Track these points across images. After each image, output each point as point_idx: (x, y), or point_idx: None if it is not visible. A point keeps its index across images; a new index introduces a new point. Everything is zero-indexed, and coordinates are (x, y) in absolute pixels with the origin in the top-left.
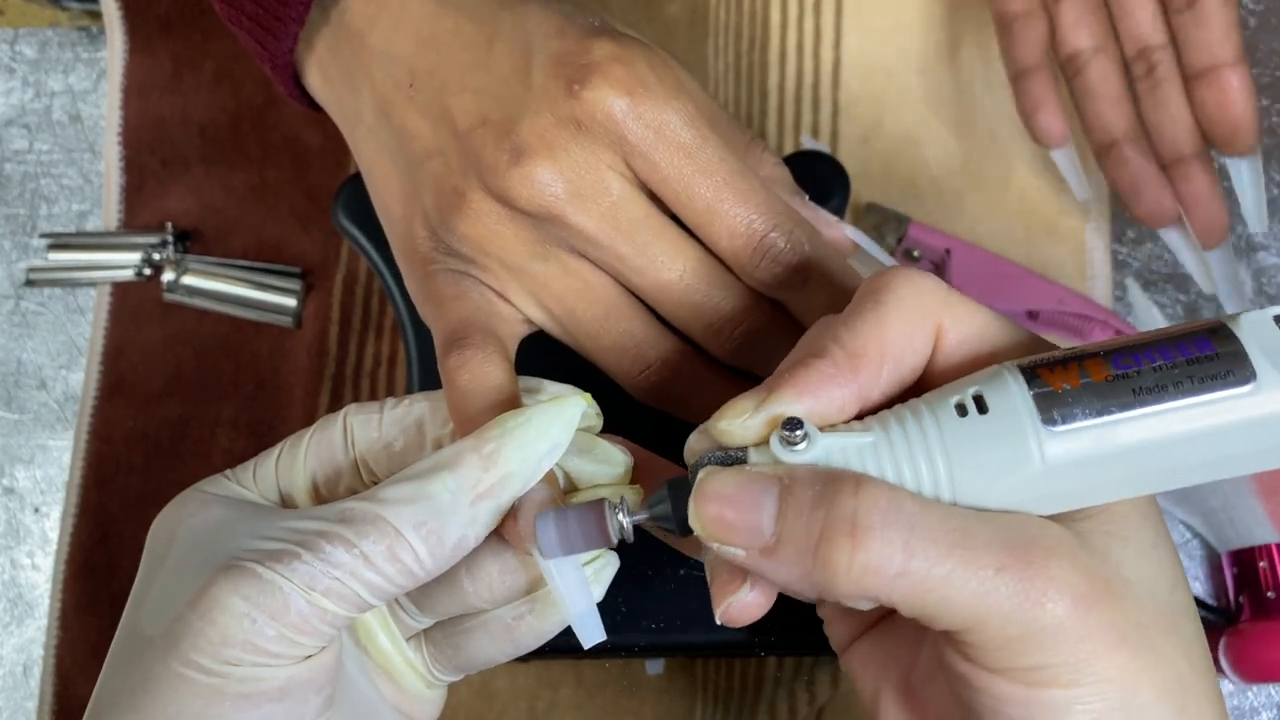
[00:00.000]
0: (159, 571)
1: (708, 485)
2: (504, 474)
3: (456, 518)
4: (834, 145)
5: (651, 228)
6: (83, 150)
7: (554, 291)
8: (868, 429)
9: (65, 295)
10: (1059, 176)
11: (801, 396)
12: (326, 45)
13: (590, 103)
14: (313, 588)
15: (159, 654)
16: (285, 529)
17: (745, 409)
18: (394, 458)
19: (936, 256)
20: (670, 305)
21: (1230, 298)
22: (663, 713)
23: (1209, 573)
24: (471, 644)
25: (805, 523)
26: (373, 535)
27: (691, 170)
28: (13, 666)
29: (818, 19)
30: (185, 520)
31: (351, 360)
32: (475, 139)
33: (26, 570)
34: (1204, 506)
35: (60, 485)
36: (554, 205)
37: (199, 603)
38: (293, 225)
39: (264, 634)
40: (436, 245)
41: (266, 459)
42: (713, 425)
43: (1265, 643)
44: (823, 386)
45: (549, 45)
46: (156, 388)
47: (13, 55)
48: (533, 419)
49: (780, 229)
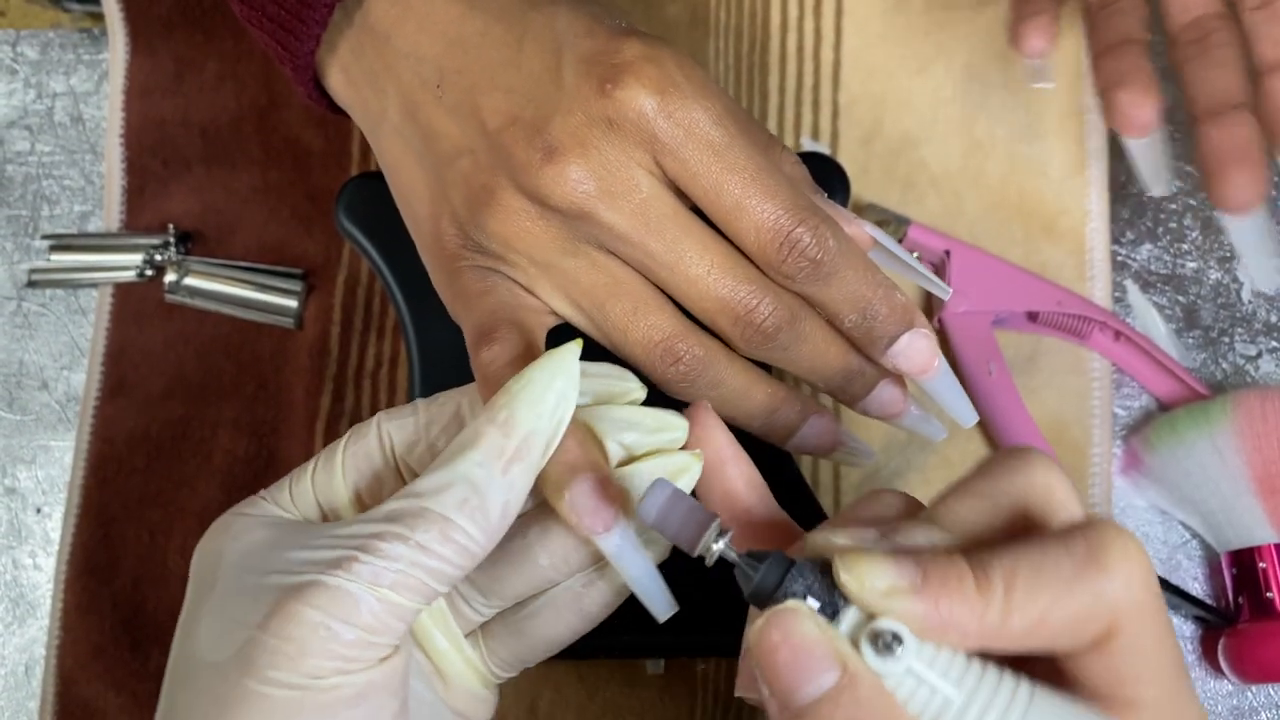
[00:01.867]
0: (208, 598)
1: (787, 621)
2: (525, 434)
3: (493, 488)
4: (834, 146)
5: (680, 224)
6: (85, 151)
7: (583, 286)
8: (960, 681)
9: (67, 296)
10: (1058, 178)
11: (938, 606)
12: (349, 46)
13: (622, 102)
14: (379, 584)
15: (231, 677)
16: (335, 538)
17: (884, 576)
18: (439, 457)
19: (936, 257)
20: (697, 300)
21: (1265, 272)
22: (663, 713)
23: (1208, 573)
24: (538, 626)
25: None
26: (422, 525)
27: (720, 168)
28: (14, 666)
29: (818, 20)
30: (229, 546)
31: (353, 361)
32: (506, 137)
33: (28, 570)
34: (1203, 507)
35: (62, 485)
36: (585, 202)
37: (270, 623)
38: (294, 226)
39: (342, 639)
40: (465, 242)
41: (301, 476)
42: (843, 572)
43: (1264, 643)
44: (964, 620)
45: (580, 45)
46: (158, 388)
47: (14, 57)
48: (532, 376)
49: (806, 225)
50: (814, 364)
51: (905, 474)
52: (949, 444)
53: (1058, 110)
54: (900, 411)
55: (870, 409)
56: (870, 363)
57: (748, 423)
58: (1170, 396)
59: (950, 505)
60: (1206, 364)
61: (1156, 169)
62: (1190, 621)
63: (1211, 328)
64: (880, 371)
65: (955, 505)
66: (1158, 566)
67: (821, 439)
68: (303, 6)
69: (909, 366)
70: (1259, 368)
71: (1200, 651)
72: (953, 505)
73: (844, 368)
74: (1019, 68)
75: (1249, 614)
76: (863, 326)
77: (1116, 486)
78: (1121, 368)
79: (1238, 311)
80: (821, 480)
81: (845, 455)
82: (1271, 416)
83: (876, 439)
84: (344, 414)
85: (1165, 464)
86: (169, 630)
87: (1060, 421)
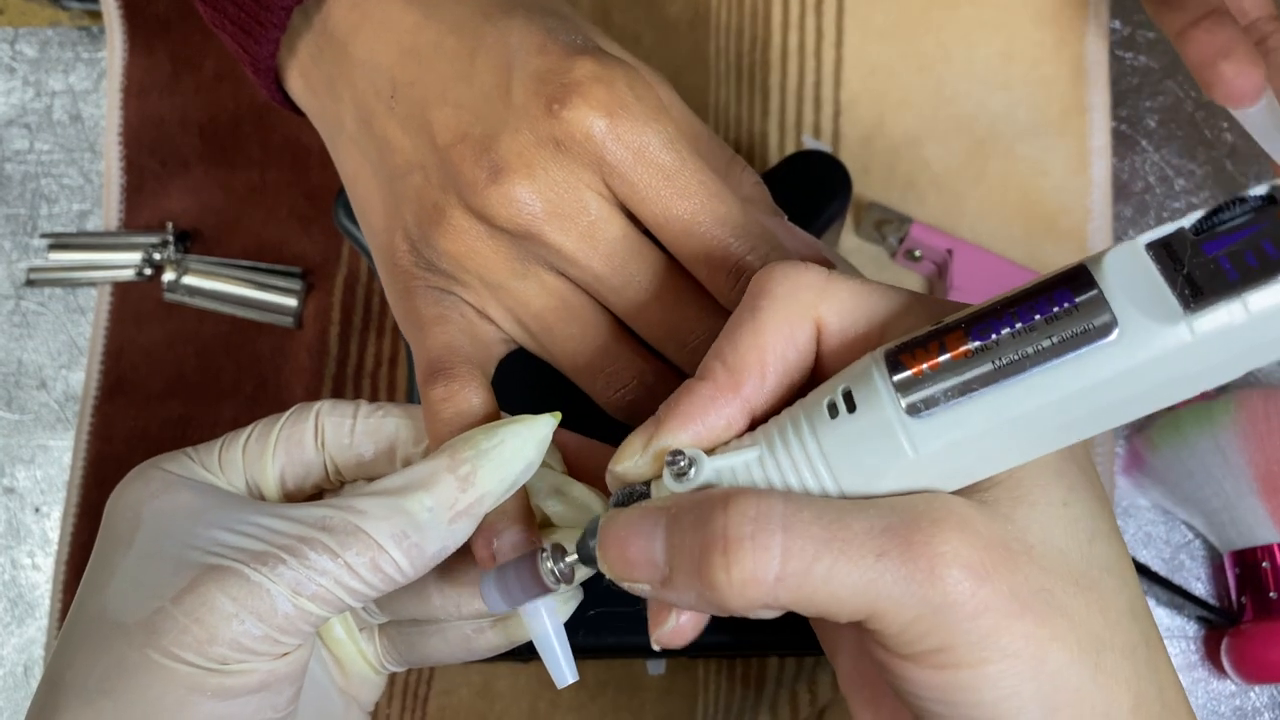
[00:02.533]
0: (126, 555)
1: (607, 528)
2: (480, 494)
3: (435, 532)
4: (835, 145)
5: (629, 247)
6: (83, 150)
7: (533, 309)
8: (755, 443)
9: (66, 295)
10: (1060, 177)
11: (686, 425)
12: (309, 51)
13: (569, 122)
14: (299, 592)
15: (136, 641)
16: (263, 528)
17: (636, 448)
18: (363, 466)
19: (938, 256)
20: (646, 324)
21: None
22: (663, 713)
23: (1211, 573)
24: (427, 646)
25: (688, 548)
26: (355, 547)
27: (670, 192)
28: (13, 666)
29: (819, 19)
30: (149, 501)
31: (352, 360)
32: (455, 155)
33: (27, 570)
34: (1206, 507)
35: (61, 485)
36: (532, 224)
37: (184, 600)
38: (293, 225)
39: (251, 634)
40: (417, 260)
41: (234, 444)
42: (611, 468)
43: (1268, 643)
44: (706, 410)
45: (530, 62)
46: (157, 387)
47: (13, 55)
48: (506, 440)
49: (756, 252)
50: None
51: None
52: None
53: (1060, 109)
54: None
55: None
56: None
57: None
58: None
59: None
60: None
61: (1272, 133)
62: (1193, 622)
63: None
64: None
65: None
66: (1161, 566)
67: None
68: (261, 9)
69: None
70: (1261, 367)
71: (1203, 652)
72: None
73: None
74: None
75: (1252, 614)
76: None
77: (1120, 486)
78: None
79: None
80: None
81: None
82: (1275, 416)
83: None
84: None
85: (1168, 463)
86: None
87: None
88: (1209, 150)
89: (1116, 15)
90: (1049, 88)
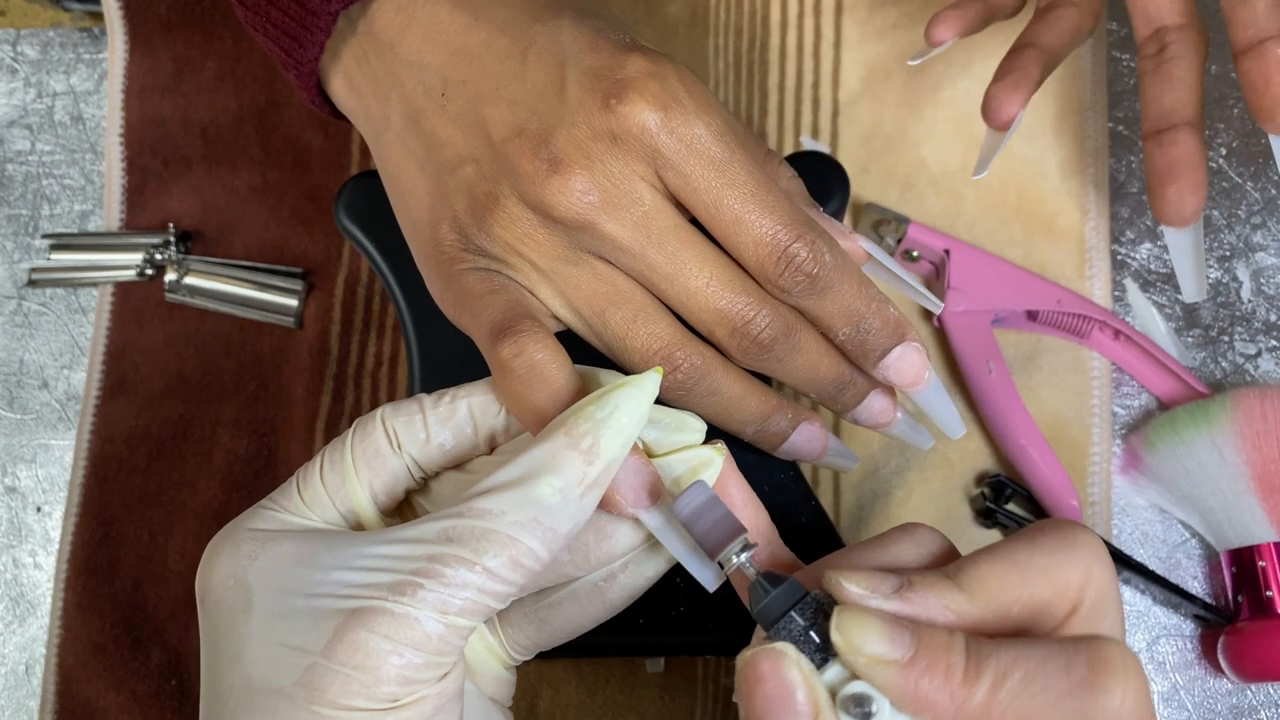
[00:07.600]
0: (248, 623)
1: (775, 659)
2: (606, 463)
3: (566, 511)
4: (834, 145)
5: (680, 237)
6: (85, 151)
7: (584, 294)
8: None
9: (67, 295)
10: (1058, 177)
11: (919, 686)
12: (353, 54)
13: (625, 117)
14: (446, 611)
15: (299, 701)
16: (387, 558)
17: (875, 643)
18: (447, 455)
19: (936, 257)
20: (695, 311)
21: (1193, 283)
22: (663, 712)
23: (1208, 572)
24: (559, 615)
25: None
26: (491, 550)
27: (720, 183)
28: (15, 665)
29: (818, 19)
30: (249, 565)
31: (353, 360)
32: (511, 149)
33: (29, 569)
34: (1203, 506)
35: (62, 484)
36: (588, 214)
37: (336, 651)
38: (294, 226)
39: (413, 664)
40: (466, 245)
41: (309, 478)
42: (838, 619)
43: (1264, 642)
44: (938, 699)
45: (584, 60)
46: (158, 387)
47: (15, 56)
48: (620, 404)
49: (803, 240)
50: (807, 374)
51: (905, 472)
52: (948, 443)
53: (1057, 109)
54: (889, 421)
55: (860, 418)
56: (861, 373)
57: (740, 430)
58: (1170, 395)
59: (981, 567)
60: (1206, 363)
61: (1189, 256)
62: (1190, 620)
63: (1211, 326)
64: (871, 382)
65: (986, 568)
66: (1158, 565)
67: (811, 446)
68: (307, 14)
69: (900, 379)
70: (1258, 366)
71: (1200, 650)
72: (984, 567)
73: (836, 378)
74: None
75: (1248, 613)
76: (855, 339)
77: (1116, 485)
78: (1121, 366)
79: (1237, 310)
80: (822, 479)
81: (831, 461)
82: (1271, 415)
83: (876, 437)
84: (344, 413)
85: (1165, 463)
86: (169, 629)
87: (1060, 420)
88: (1205, 150)
89: (1113, 17)
90: (1046, 89)
